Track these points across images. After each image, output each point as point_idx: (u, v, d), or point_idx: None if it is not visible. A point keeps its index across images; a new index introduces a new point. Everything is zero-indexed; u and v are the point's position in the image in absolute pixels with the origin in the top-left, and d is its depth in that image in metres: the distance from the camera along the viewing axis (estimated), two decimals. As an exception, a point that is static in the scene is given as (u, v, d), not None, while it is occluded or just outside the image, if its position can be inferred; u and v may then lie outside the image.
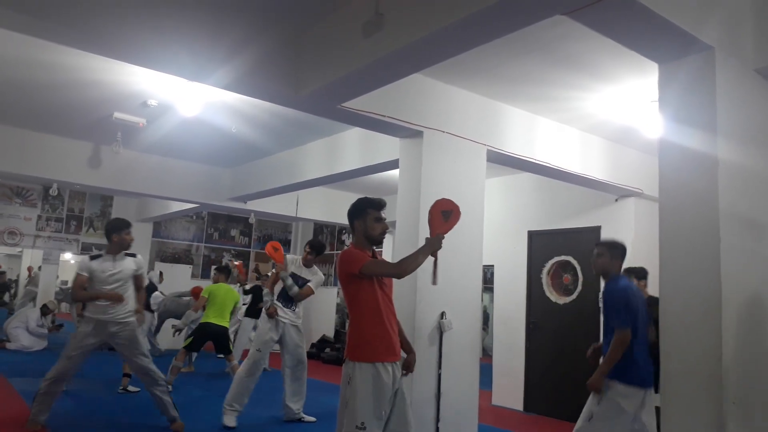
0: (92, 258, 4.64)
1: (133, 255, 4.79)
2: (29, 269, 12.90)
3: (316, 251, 5.47)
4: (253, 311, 8.39)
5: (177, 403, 4.81)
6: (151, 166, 7.82)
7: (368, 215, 2.99)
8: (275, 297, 5.38)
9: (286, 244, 13.05)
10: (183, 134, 6.70)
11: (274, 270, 5.56)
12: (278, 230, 12.79)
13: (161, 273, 10.05)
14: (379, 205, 3.03)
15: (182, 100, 5.34)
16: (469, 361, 4.57)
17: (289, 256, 5.53)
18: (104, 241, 4.93)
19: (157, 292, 8.69)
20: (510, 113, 5.07)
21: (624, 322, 3.47)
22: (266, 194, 8.07)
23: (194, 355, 7.84)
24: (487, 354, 8.65)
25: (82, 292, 4.55)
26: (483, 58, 4.10)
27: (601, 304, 3.83)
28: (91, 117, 6.27)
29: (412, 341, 4.13)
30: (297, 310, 5.43)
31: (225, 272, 7.33)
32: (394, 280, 3.08)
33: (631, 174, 6.00)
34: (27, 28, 3.34)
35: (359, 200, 3.07)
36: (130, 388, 6.33)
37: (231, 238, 12.17)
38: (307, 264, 5.47)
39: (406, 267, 2.89)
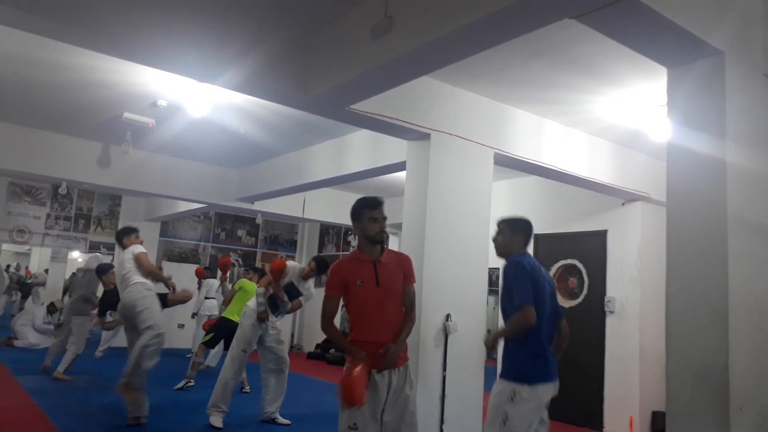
0: None
1: None
2: None
3: (319, 269, 5.40)
4: None
5: (187, 399, 4.84)
6: (160, 166, 7.87)
7: (363, 216, 3.00)
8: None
9: (292, 244, 13.09)
10: (192, 135, 6.74)
11: (271, 287, 5.42)
12: (285, 231, 12.83)
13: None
14: (374, 204, 3.00)
15: (191, 100, 5.37)
16: (475, 363, 4.57)
17: (291, 263, 5.48)
18: (113, 239, 5.06)
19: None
20: (517, 116, 5.07)
21: (526, 298, 3.01)
22: (273, 195, 8.10)
23: (210, 351, 7.71)
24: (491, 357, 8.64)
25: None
26: (491, 61, 4.10)
27: (501, 280, 3.31)
28: (100, 117, 6.32)
29: (417, 343, 4.16)
30: (279, 316, 5.41)
31: (259, 273, 7.23)
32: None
33: (638, 178, 5.99)
34: (38, 28, 3.37)
35: (356, 202, 3.08)
36: None
37: (238, 239, 12.22)
38: (305, 277, 5.42)
39: (324, 330, 3.00)
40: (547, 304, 3.17)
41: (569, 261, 6.86)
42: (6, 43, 4.49)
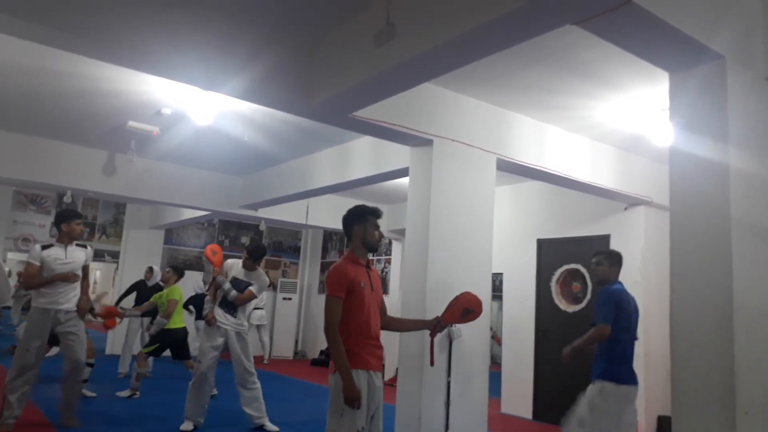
0: (44, 247, 4.79)
1: (84, 246, 4.99)
2: None
3: (253, 257, 5.38)
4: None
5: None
6: (164, 174, 7.90)
7: (368, 222, 3.03)
8: (217, 303, 5.30)
9: (296, 251, 13.10)
10: (196, 143, 6.77)
11: (212, 275, 5.44)
12: (288, 237, 12.85)
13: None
14: (376, 213, 3.07)
15: (196, 108, 5.40)
16: (479, 368, 4.57)
17: (230, 261, 5.48)
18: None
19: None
20: (520, 122, 5.09)
21: (606, 319, 3.78)
22: (277, 202, 8.13)
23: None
24: (495, 362, 8.63)
25: (33, 280, 4.67)
26: (493, 67, 4.12)
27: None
28: (105, 125, 6.35)
29: (421, 349, 4.16)
30: (240, 315, 5.30)
31: (179, 273, 7.15)
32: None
33: (641, 182, 5.99)
34: (43, 37, 3.41)
35: (357, 207, 3.11)
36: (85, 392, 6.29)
37: (241, 245, 12.23)
38: (249, 268, 5.37)
39: (328, 335, 2.83)
40: (634, 323, 3.95)
41: (572, 266, 6.85)
42: (11, 53, 4.53)
